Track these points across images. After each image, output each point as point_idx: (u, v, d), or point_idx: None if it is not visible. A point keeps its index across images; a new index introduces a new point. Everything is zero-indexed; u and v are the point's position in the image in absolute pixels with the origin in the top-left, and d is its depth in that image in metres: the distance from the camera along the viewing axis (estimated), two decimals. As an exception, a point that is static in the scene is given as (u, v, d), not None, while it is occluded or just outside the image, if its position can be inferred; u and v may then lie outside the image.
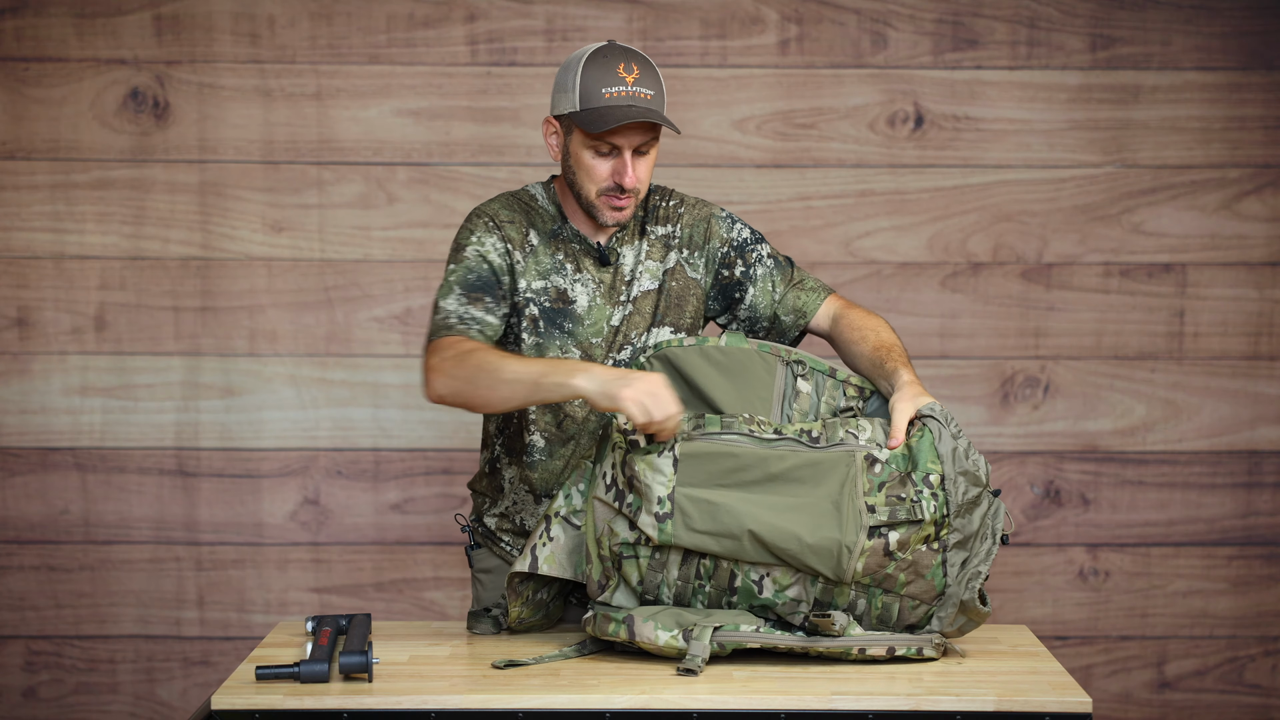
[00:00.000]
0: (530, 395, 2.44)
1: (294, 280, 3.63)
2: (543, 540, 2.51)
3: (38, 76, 3.58)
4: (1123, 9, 3.61)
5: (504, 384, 2.44)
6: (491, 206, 2.70)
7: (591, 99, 2.57)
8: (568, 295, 2.67)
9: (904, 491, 2.39)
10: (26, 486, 3.65)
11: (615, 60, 2.58)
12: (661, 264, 2.72)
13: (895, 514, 2.37)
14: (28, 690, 3.68)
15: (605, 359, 2.68)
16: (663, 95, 2.61)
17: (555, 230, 2.70)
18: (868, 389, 2.56)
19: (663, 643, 2.38)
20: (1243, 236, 3.65)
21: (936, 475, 2.40)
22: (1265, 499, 3.69)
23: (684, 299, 2.72)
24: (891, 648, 2.39)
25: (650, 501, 2.38)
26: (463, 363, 2.48)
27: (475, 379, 2.46)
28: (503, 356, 2.48)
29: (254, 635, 3.65)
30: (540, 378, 2.41)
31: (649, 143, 2.61)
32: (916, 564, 2.38)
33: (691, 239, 2.73)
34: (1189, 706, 3.71)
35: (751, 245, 2.74)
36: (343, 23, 3.59)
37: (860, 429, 2.46)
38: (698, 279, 2.73)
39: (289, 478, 3.66)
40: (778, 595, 2.39)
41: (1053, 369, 3.67)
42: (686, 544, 2.38)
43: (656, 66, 2.64)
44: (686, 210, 2.75)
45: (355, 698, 2.28)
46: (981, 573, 2.40)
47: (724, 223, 2.75)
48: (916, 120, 3.62)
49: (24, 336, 3.63)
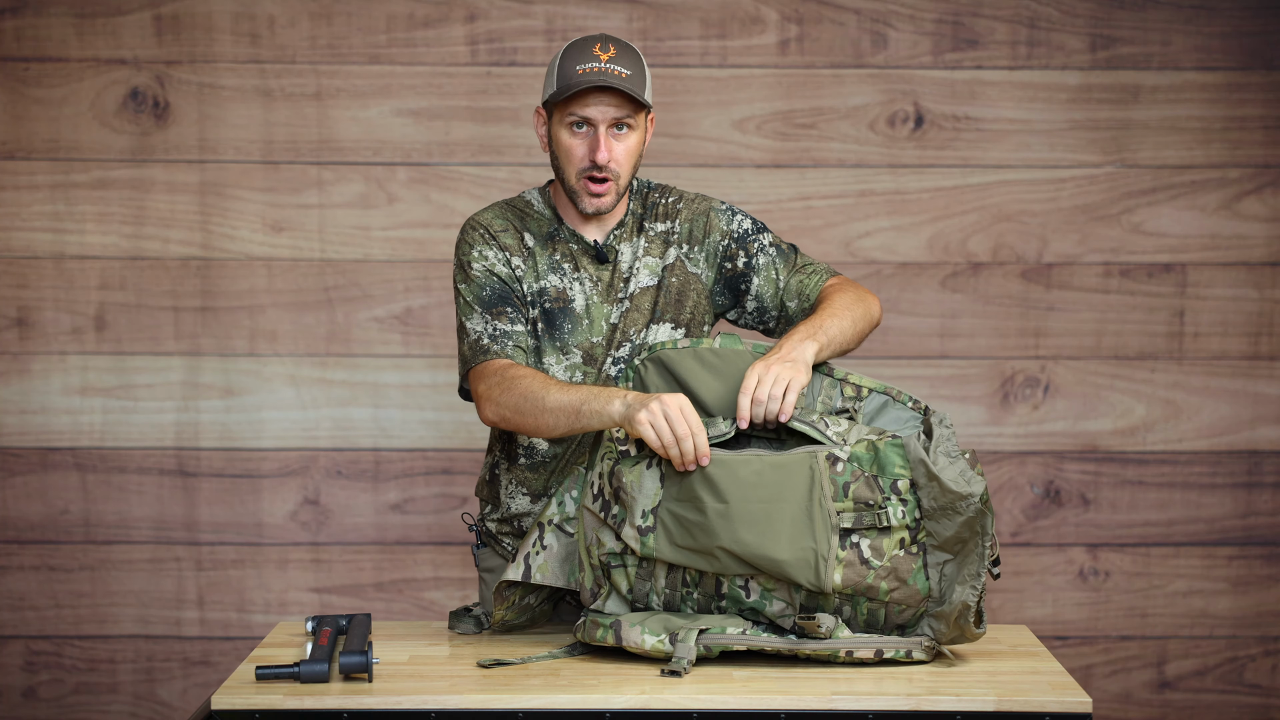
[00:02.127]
0: (573, 424, 2.46)
1: (294, 280, 3.63)
2: (535, 549, 2.51)
3: (38, 76, 3.58)
4: (1123, 9, 3.61)
5: (548, 413, 2.47)
6: (484, 217, 2.72)
7: (566, 76, 2.61)
8: (566, 295, 2.68)
9: (871, 497, 2.37)
10: (26, 486, 3.65)
11: (593, 42, 2.63)
12: (661, 260, 2.72)
13: (861, 520, 2.36)
14: (28, 690, 3.68)
15: (605, 357, 2.68)
16: (643, 79, 2.62)
17: (552, 232, 2.71)
18: (865, 388, 2.55)
19: (649, 647, 2.38)
20: (1243, 236, 3.65)
21: (905, 481, 2.38)
22: (1265, 499, 3.69)
23: (684, 295, 2.72)
24: (879, 650, 2.38)
25: (634, 514, 2.38)
26: (509, 390, 2.53)
27: (521, 408, 2.51)
28: (545, 384, 2.50)
29: (254, 635, 3.65)
30: (581, 405, 2.44)
31: (625, 121, 2.62)
32: (896, 570, 2.37)
33: (691, 234, 2.74)
34: (1189, 706, 3.71)
35: (753, 235, 2.74)
36: (343, 23, 3.59)
37: (836, 422, 2.44)
38: (698, 274, 2.73)
39: (289, 478, 3.66)
40: (764, 598, 2.39)
41: (1053, 369, 3.67)
42: (669, 559, 2.38)
43: (644, 58, 2.66)
44: (685, 205, 2.75)
45: (355, 698, 2.28)
46: (976, 589, 2.36)
47: (723, 215, 2.75)
48: (916, 120, 3.62)
49: (24, 336, 3.63)
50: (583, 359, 2.68)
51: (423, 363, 3.64)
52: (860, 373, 3.66)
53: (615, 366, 2.69)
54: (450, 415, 3.63)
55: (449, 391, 3.62)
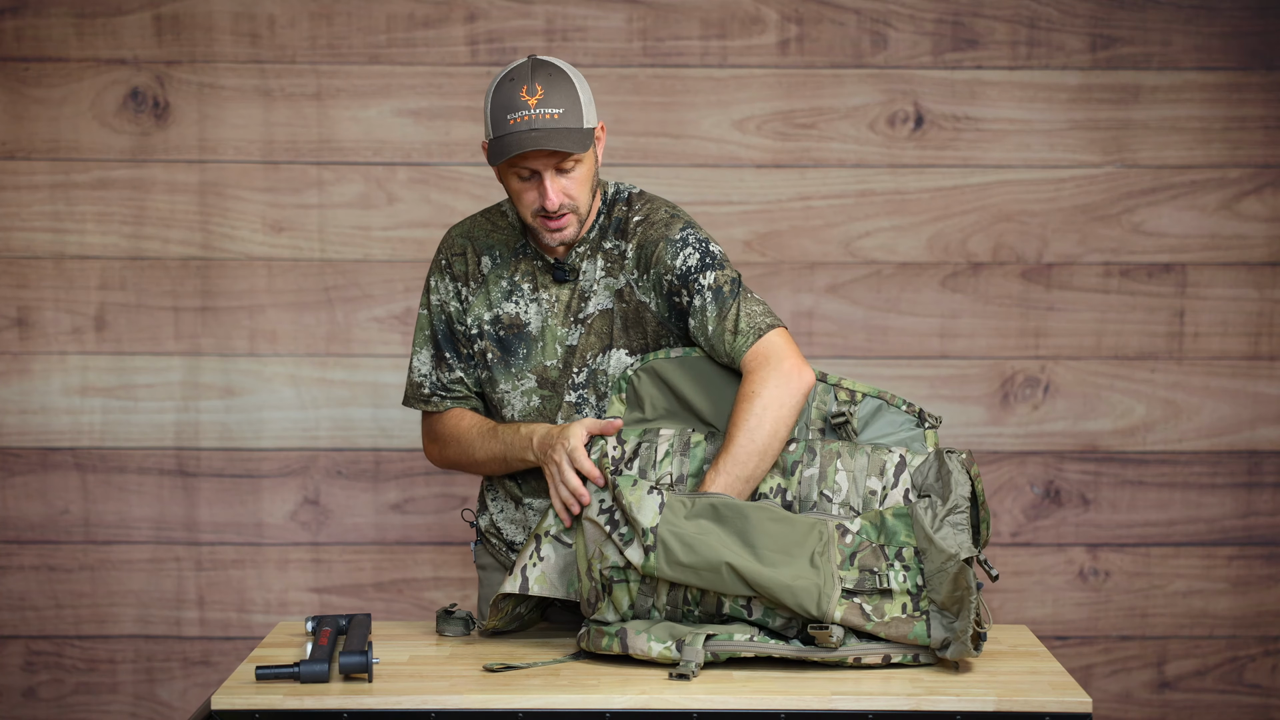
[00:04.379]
0: (505, 470, 2.68)
1: (294, 280, 3.63)
2: (533, 560, 2.50)
3: (38, 76, 3.58)
4: (1123, 9, 3.61)
5: (482, 464, 2.70)
6: (454, 233, 2.74)
7: (499, 126, 2.54)
8: (519, 319, 2.67)
9: (876, 565, 2.38)
10: (26, 486, 3.65)
11: (520, 83, 2.53)
12: (616, 281, 2.66)
13: (864, 584, 2.37)
14: (28, 690, 3.68)
15: (563, 380, 2.67)
16: (578, 108, 2.54)
17: (519, 247, 2.69)
18: (859, 393, 2.54)
19: (656, 654, 2.37)
20: (1243, 236, 3.65)
21: (910, 549, 2.39)
22: (1265, 499, 3.69)
23: (636, 321, 2.65)
24: (887, 656, 2.39)
25: (639, 533, 2.38)
26: (446, 447, 2.74)
27: (459, 461, 2.73)
28: (471, 439, 2.69)
29: (254, 635, 3.65)
30: (505, 455, 2.64)
31: (567, 160, 2.55)
32: (895, 627, 2.38)
33: (639, 261, 2.64)
34: (1189, 706, 3.71)
35: (695, 274, 2.59)
36: (343, 23, 3.59)
37: (835, 489, 2.46)
38: (647, 303, 2.64)
39: (289, 478, 3.66)
40: (767, 615, 2.39)
41: (1053, 369, 3.67)
42: (670, 578, 2.37)
43: (576, 76, 2.58)
44: (643, 229, 2.64)
45: (355, 698, 2.28)
46: (969, 629, 2.36)
47: (672, 247, 2.61)
48: (916, 120, 3.62)
49: (24, 336, 3.63)
50: (537, 383, 2.67)
51: (423, 363, 3.64)
52: (860, 373, 3.68)
53: (575, 393, 2.66)
54: (450, 415, 3.63)
55: (449, 391, 3.62)
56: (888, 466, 2.47)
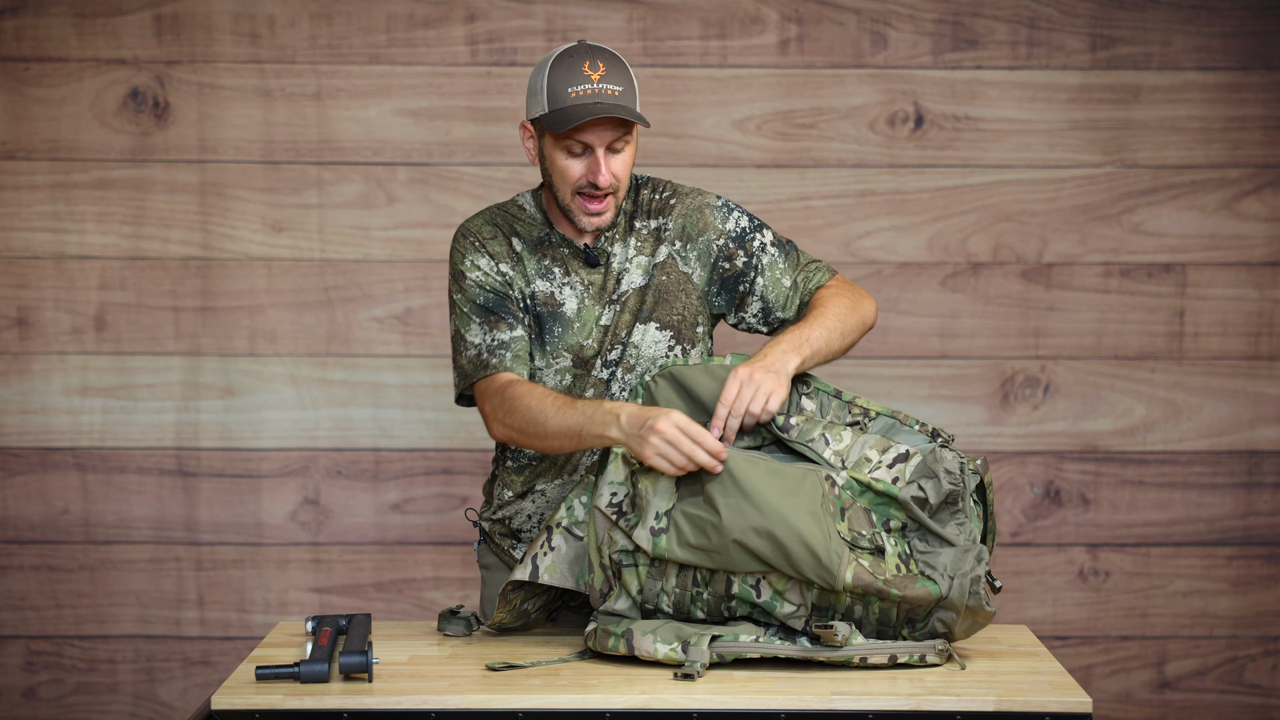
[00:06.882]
0: (577, 445, 2.50)
1: (294, 280, 3.63)
2: (544, 550, 2.51)
3: (38, 76, 3.58)
4: (1123, 9, 3.61)
5: (551, 437, 2.51)
6: (475, 223, 2.71)
7: (558, 99, 2.57)
8: (555, 299, 2.67)
9: (865, 529, 2.39)
10: (26, 486, 3.65)
11: (581, 59, 2.58)
12: (651, 258, 2.69)
13: (858, 541, 2.37)
14: (28, 690, 3.68)
15: (596, 359, 2.67)
16: (633, 90, 2.60)
17: (543, 237, 2.70)
18: (873, 410, 2.55)
19: (661, 655, 2.38)
20: (1243, 236, 3.65)
21: (898, 521, 2.41)
22: (1265, 499, 3.69)
23: (672, 294, 2.69)
24: (893, 655, 2.38)
25: (648, 517, 2.38)
26: (512, 411, 2.55)
27: (526, 430, 2.54)
28: (544, 405, 2.51)
29: (254, 635, 3.65)
30: (581, 430, 2.46)
31: (621, 139, 2.59)
32: (903, 583, 2.38)
33: (684, 230, 2.70)
34: (1189, 706, 3.71)
35: (751, 233, 2.71)
36: (343, 23, 3.59)
37: (838, 438, 2.46)
38: (689, 274, 2.70)
39: (289, 478, 3.66)
40: (775, 599, 2.39)
41: (1053, 369, 3.67)
42: (680, 559, 2.38)
43: (627, 63, 2.64)
44: (679, 200, 2.72)
45: (355, 698, 2.28)
46: (980, 577, 2.39)
47: (719, 213, 2.71)
48: (916, 120, 3.62)
49: (24, 336, 3.63)
50: (572, 362, 2.68)
51: (423, 363, 3.64)
52: (861, 372, 3.68)
53: (607, 370, 2.68)
54: (450, 415, 3.63)
55: (449, 392, 3.62)
56: (891, 450, 2.47)
